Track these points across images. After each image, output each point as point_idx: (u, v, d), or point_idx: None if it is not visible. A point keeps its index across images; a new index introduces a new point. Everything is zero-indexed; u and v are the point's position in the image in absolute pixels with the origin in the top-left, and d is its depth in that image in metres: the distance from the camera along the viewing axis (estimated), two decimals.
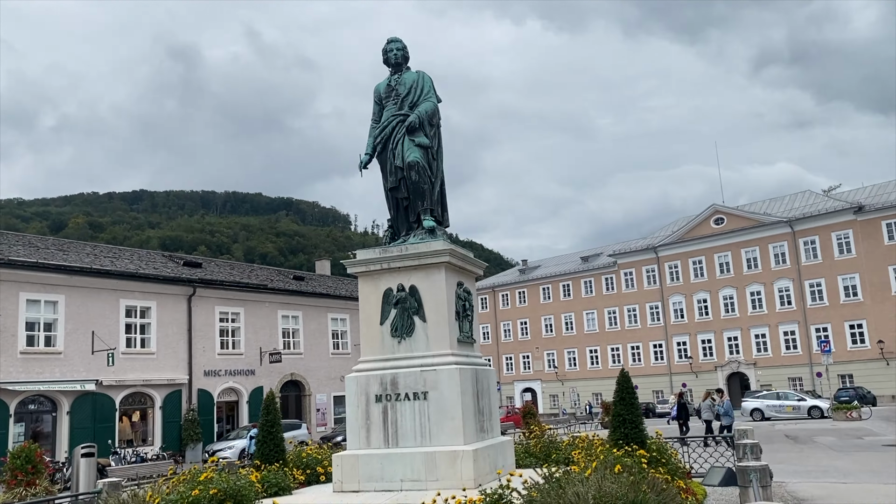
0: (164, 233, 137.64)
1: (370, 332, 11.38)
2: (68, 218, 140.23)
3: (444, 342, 10.90)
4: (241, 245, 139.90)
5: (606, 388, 73.32)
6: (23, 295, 28.19)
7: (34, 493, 15.64)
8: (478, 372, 11.46)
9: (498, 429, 12.18)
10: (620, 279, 74.43)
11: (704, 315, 68.70)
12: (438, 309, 11.00)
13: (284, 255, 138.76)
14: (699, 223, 69.72)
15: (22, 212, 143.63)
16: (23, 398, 27.85)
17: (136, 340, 32.06)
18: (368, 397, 11.01)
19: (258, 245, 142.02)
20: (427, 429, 10.61)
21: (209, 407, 34.85)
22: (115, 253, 35.85)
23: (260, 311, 38.10)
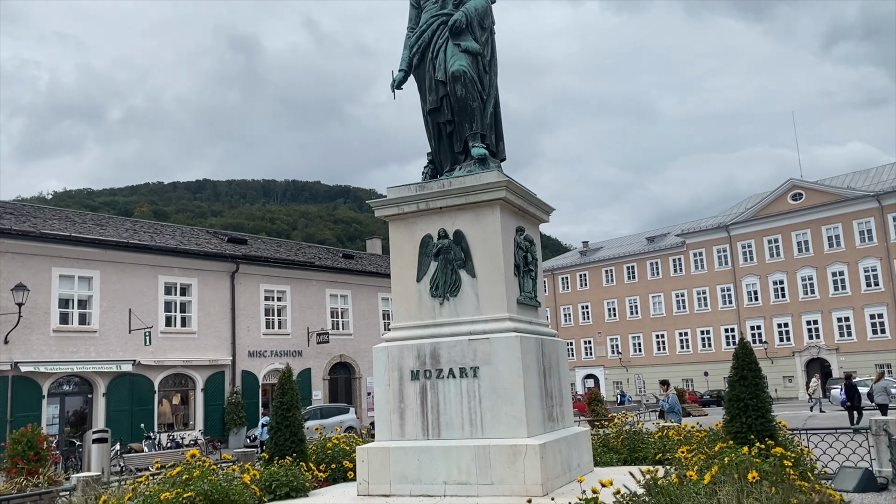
0: (226, 220, 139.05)
1: (404, 292, 8.88)
2: (134, 207, 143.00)
3: (500, 303, 8.32)
4: (301, 232, 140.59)
5: (674, 374, 69.57)
6: (55, 270, 26.74)
7: (35, 483, 13.70)
8: (544, 343, 8.84)
9: (571, 416, 9.55)
10: (689, 260, 70.33)
11: (781, 297, 64.23)
12: (492, 260, 8.42)
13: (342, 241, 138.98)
14: (775, 199, 65.09)
15: (91, 201, 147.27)
16: (57, 379, 26.45)
17: (175, 319, 30.44)
18: (402, 373, 8.53)
19: (317, 232, 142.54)
20: (478, 415, 8.07)
21: (254, 389, 33.08)
22: (155, 228, 34.33)
23: (307, 289, 36.16)
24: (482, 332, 8.25)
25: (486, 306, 8.37)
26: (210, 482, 6.91)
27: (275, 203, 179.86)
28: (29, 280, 25.65)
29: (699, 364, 67.84)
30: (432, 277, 8.67)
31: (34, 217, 28.72)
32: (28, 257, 26.13)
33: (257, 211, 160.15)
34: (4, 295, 24.93)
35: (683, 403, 41.28)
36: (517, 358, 7.97)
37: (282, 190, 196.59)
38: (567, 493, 7.66)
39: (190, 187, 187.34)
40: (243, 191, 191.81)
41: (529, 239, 9.09)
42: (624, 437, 10.83)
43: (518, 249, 8.79)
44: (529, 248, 9.00)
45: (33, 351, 25.81)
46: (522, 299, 8.73)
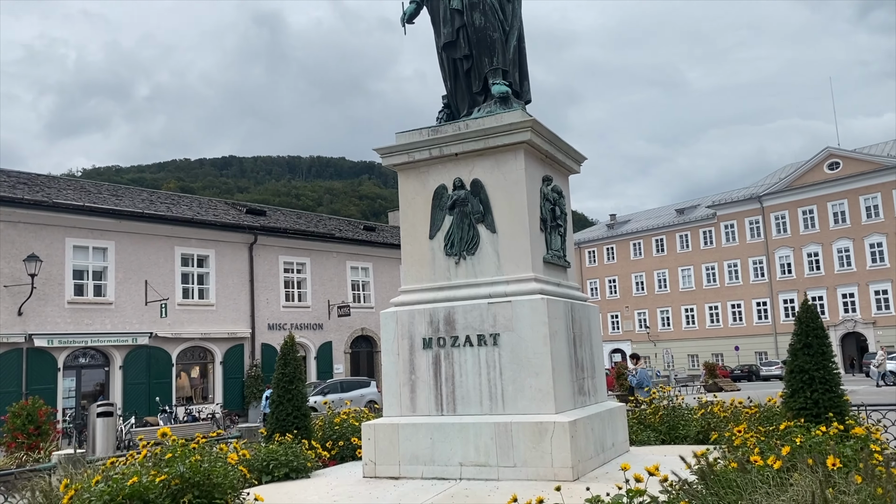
0: (251, 196, 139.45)
1: (415, 251, 7.87)
2: (162, 183, 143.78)
3: (524, 262, 7.29)
4: (326, 208, 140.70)
5: (704, 348, 68.17)
6: (69, 241, 26.13)
7: (36, 459, 13.03)
8: (574, 307, 7.80)
9: (604, 390, 8.52)
10: (720, 232, 68.46)
11: (815, 270, 62.31)
12: (514, 213, 7.38)
13: (367, 217, 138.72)
14: (810, 169, 62.89)
15: (119, 178, 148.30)
16: (72, 351, 25.97)
17: (193, 291, 29.79)
18: (413, 342, 7.55)
19: (342, 208, 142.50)
20: (498, 388, 7.08)
21: (274, 362, 32.43)
22: (172, 199, 33.64)
23: (327, 261, 35.35)
24: (503, 294, 7.23)
25: (508, 265, 7.34)
26: (190, 464, 6.02)
27: (300, 179, 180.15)
28: (42, 251, 25.09)
29: (729, 338, 66.32)
30: (447, 234, 7.65)
31: (48, 187, 28.13)
32: (41, 227, 25.55)
33: (282, 187, 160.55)
34: (17, 266, 24.39)
35: (715, 378, 40.01)
36: (543, 323, 6.95)
37: (307, 166, 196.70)
38: (601, 477, 6.67)
39: (216, 164, 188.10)
40: (269, 167, 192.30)
41: (558, 190, 8.02)
42: (663, 414, 9.77)
43: (545, 201, 7.72)
44: (558, 200, 7.93)
45: (48, 323, 25.31)
46: (549, 258, 7.67)
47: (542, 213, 7.65)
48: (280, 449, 7.99)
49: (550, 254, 7.70)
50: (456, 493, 6.42)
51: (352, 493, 6.78)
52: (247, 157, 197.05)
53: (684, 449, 8.67)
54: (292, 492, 6.99)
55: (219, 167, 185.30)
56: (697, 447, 8.64)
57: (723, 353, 66.20)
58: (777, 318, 64.32)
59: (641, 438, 9.28)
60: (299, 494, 6.84)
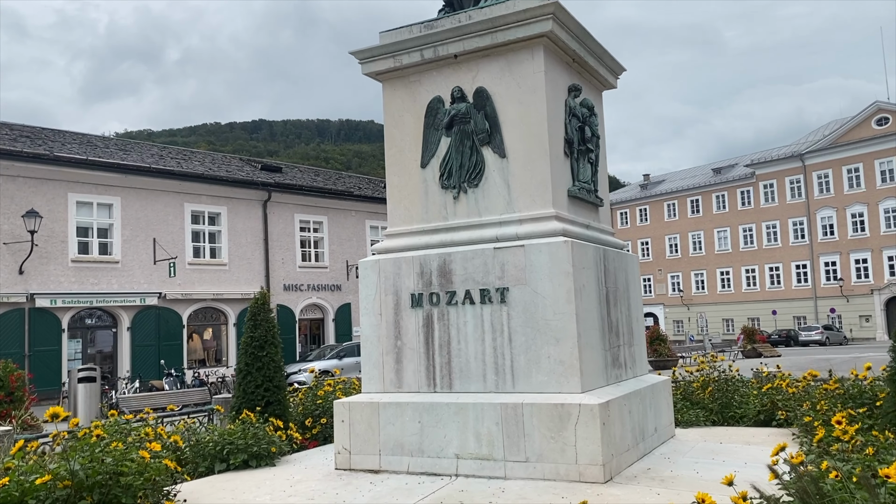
0: (281, 160, 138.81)
1: (402, 183, 6.18)
2: (192, 147, 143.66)
3: (542, 195, 5.56)
4: (355, 171, 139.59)
5: (739, 312, 65.89)
6: (72, 196, 24.85)
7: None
8: (607, 255, 6.07)
9: (644, 361, 6.81)
10: (759, 192, 65.59)
11: (860, 231, 59.44)
12: (531, 131, 5.63)
13: None
14: (857, 125, 59.62)
15: (151, 143, 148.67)
16: (77, 312, 24.86)
17: (204, 250, 28.46)
18: (398, 298, 5.90)
19: (370, 171, 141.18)
20: (507, 359, 5.43)
21: (290, 325, 31.19)
22: (183, 155, 32.21)
23: (345, 220, 33.80)
24: (514, 236, 5.53)
25: (522, 199, 5.62)
26: (89, 459, 4.49)
27: (329, 143, 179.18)
28: (43, 207, 23.85)
29: (766, 302, 63.98)
30: (443, 160, 5.94)
31: (52, 141, 26.82)
32: (41, 182, 24.27)
33: (311, 150, 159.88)
34: (17, 223, 23.19)
35: (754, 344, 37.92)
36: (566, 274, 5.24)
37: (336, 129, 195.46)
38: (642, 477, 5.01)
39: (246, 127, 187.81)
40: (298, 131, 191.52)
41: (588, 105, 6.22)
42: (713, 389, 8.04)
43: (571, 117, 5.94)
44: (588, 117, 6.14)
45: (50, 282, 24.18)
46: (576, 191, 5.92)
47: (568, 132, 5.89)
48: (238, 430, 6.45)
49: (577, 186, 5.95)
50: (449, 496, 4.82)
51: (314, 492, 5.21)
52: (276, 121, 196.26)
53: (744, 433, 6.96)
54: (239, 489, 5.43)
55: (249, 131, 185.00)
56: (759, 430, 6.92)
57: (759, 317, 63.84)
58: (818, 282, 61.69)
59: (688, 418, 7.59)
60: (246, 493, 5.28)
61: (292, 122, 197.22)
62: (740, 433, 7.02)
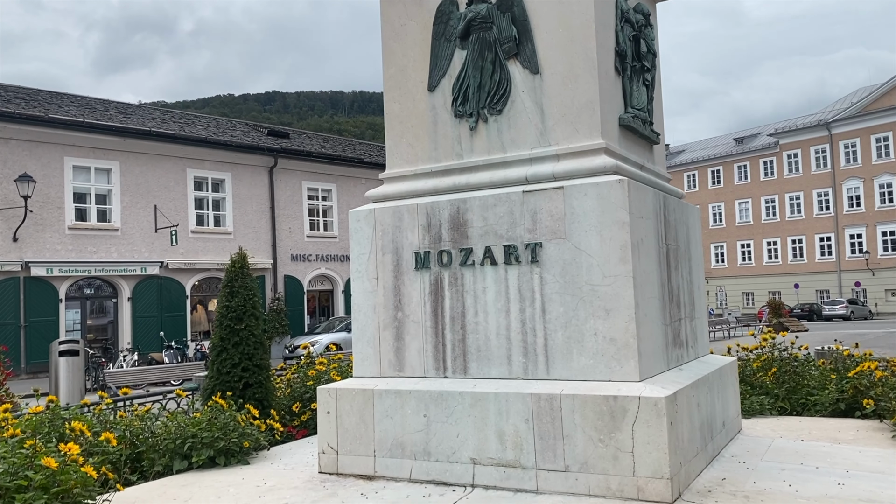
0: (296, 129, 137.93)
1: (405, 112, 4.86)
2: None
3: (587, 121, 4.24)
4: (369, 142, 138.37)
5: (760, 286, 64.30)
6: (68, 160, 23.67)
7: None
8: (667, 204, 4.74)
9: (706, 337, 5.51)
10: (782, 162, 63.58)
11: (888, 202, 57.51)
12: (573, 38, 4.29)
13: None
14: (887, 92, 57.36)
15: (153, 107, 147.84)
16: (76, 281, 23.82)
17: (208, 218, 27.28)
18: (399, 258, 4.63)
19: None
20: (539, 336, 4.16)
21: (298, 296, 30.07)
22: (187, 119, 30.90)
23: (356, 189, 32.43)
24: (550, 176, 4.22)
25: (560, 128, 4.29)
26: None
27: (343, 115, 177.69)
28: (38, 171, 22.72)
29: (789, 276, 62.28)
30: (457, 80, 4.61)
31: (48, 103, 25.61)
32: (36, 145, 23.11)
33: (325, 122, 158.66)
34: (10, 188, 22.07)
35: (780, 318, 36.49)
36: (622, 224, 3.93)
37: (349, 101, 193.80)
38: (718, 492, 3.74)
39: (259, 99, 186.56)
40: (311, 102, 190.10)
41: (644, 9, 4.86)
42: (777, 371, 6.73)
43: (624, 23, 4.59)
44: (644, 26, 4.78)
45: (46, 250, 23.11)
46: (630, 119, 4.58)
47: (619, 41, 4.53)
48: (205, 420, 5.23)
49: (630, 113, 4.61)
50: None
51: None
52: (290, 93, 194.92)
53: (824, 426, 5.66)
54: (193, 498, 4.21)
55: (262, 102, 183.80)
56: (841, 422, 5.63)
57: (780, 291, 62.19)
58: (843, 255, 59.91)
59: (751, 406, 6.30)
60: None
61: (306, 94, 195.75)
62: (820, 426, 5.73)
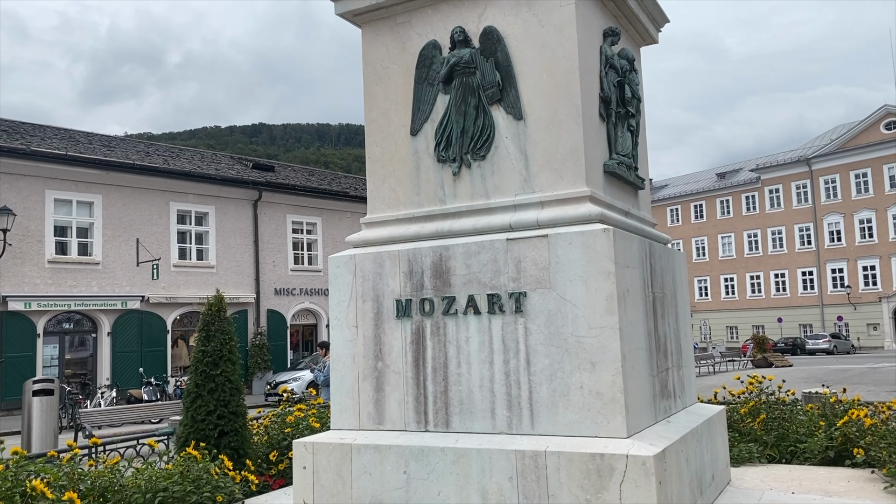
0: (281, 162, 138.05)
1: (387, 155, 4.78)
2: None
3: (572, 168, 4.18)
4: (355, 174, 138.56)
5: (744, 320, 64.48)
6: (50, 194, 23.44)
7: None
8: (653, 251, 4.66)
9: (693, 386, 5.39)
10: (764, 197, 64.20)
11: (868, 237, 58.06)
12: (557, 84, 4.24)
13: None
14: (865, 129, 58.28)
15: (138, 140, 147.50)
16: (54, 315, 23.43)
17: (190, 252, 27.05)
18: (380, 306, 4.50)
19: None
20: (524, 388, 4.03)
21: (281, 331, 29.76)
22: (171, 152, 30.78)
23: (341, 222, 32.35)
24: (534, 223, 4.13)
25: (544, 174, 4.22)
26: None
27: (329, 147, 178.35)
28: (18, 204, 22.46)
29: (772, 310, 62.49)
30: (440, 125, 4.54)
31: (31, 135, 25.43)
32: (17, 178, 22.88)
33: (311, 154, 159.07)
34: None
35: (764, 353, 36.46)
36: (607, 274, 3.84)
37: (336, 134, 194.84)
38: None
39: (246, 131, 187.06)
40: (298, 135, 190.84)
41: (628, 56, 4.83)
42: (765, 416, 6.63)
43: (608, 69, 4.54)
44: (628, 71, 4.74)
45: (25, 284, 22.76)
46: (615, 166, 4.52)
47: (604, 87, 4.49)
48: (177, 472, 5.03)
49: (615, 159, 4.54)
50: None
51: None
52: (276, 125, 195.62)
53: (814, 475, 5.54)
54: None
55: (249, 134, 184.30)
56: (831, 471, 5.52)
57: (764, 325, 62.38)
58: (825, 289, 60.30)
59: (738, 454, 6.18)
60: None
61: (292, 126, 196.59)
62: (810, 475, 5.61)
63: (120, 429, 13.69)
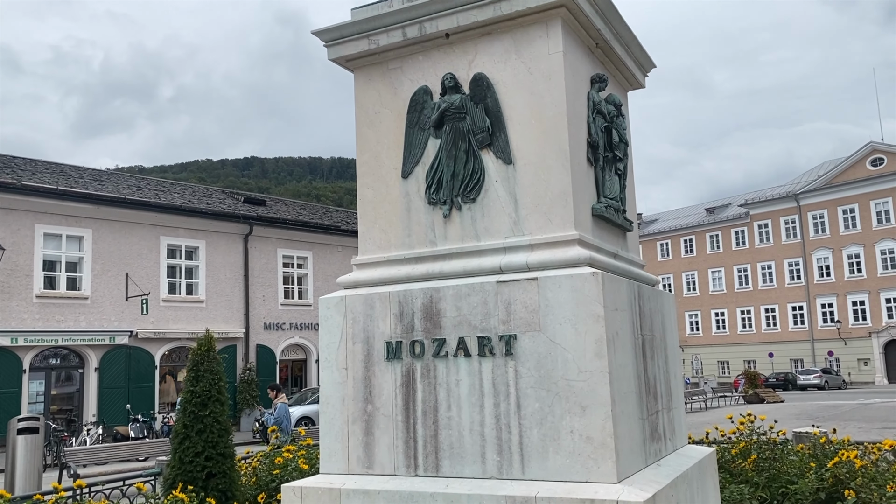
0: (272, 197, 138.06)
1: (378, 197, 4.83)
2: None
3: (560, 212, 4.23)
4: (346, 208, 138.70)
5: (735, 355, 64.54)
6: (39, 228, 23.44)
7: None
8: (641, 293, 4.70)
9: (683, 427, 5.39)
10: (753, 232, 64.76)
11: (856, 272, 58.53)
12: (546, 129, 4.32)
13: None
14: (852, 165, 59.13)
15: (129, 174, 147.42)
16: (41, 351, 23.24)
17: (180, 286, 26.99)
18: (370, 347, 4.51)
19: None
20: (514, 433, 4.03)
21: (270, 366, 29.57)
22: (162, 186, 30.87)
23: (332, 256, 32.40)
24: (524, 266, 4.17)
25: (534, 217, 4.27)
26: None
27: (321, 180, 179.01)
28: (7, 238, 22.43)
29: (763, 345, 62.64)
30: (431, 168, 4.60)
31: (22, 169, 25.47)
32: (7, 212, 22.88)
33: (303, 188, 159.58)
34: None
35: (755, 388, 36.52)
36: (596, 317, 3.87)
37: (328, 167, 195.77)
38: None
39: (238, 164, 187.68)
40: (290, 168, 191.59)
41: (615, 101, 4.92)
42: (756, 457, 6.62)
43: (595, 114, 4.63)
44: (615, 117, 4.83)
45: (12, 319, 22.61)
46: (603, 209, 4.58)
47: (592, 132, 4.56)
48: None
49: (603, 203, 4.60)
50: None
51: None
52: (268, 158, 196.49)
53: None
54: None
55: (240, 168, 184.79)
56: None
57: (755, 359, 62.48)
58: (815, 324, 60.55)
59: (730, 495, 6.16)
60: None
61: (284, 160, 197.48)
62: None
63: (106, 467, 13.52)
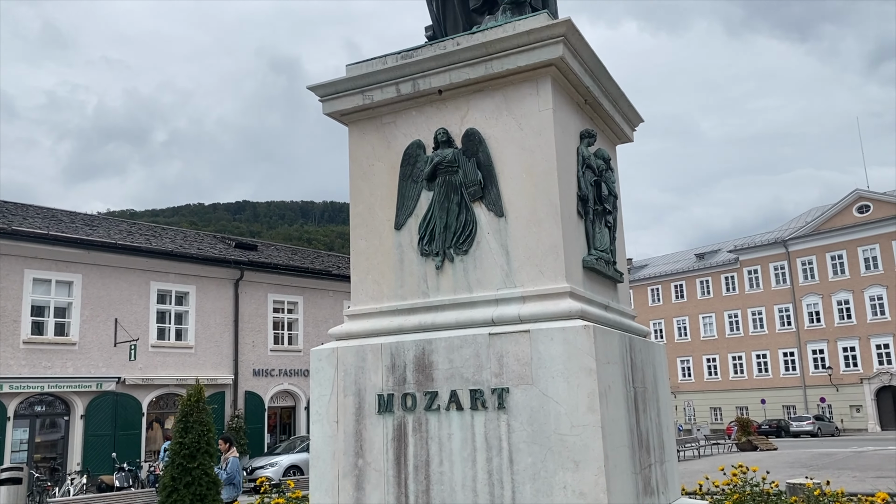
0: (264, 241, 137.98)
1: (371, 249, 4.86)
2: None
3: (551, 264, 4.26)
4: (338, 252, 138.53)
5: (727, 401, 64.16)
6: (29, 273, 23.31)
7: None
8: (633, 345, 4.72)
9: (676, 480, 5.35)
10: (743, 278, 64.97)
11: (846, 318, 58.63)
12: (536, 183, 4.39)
13: None
14: (839, 212, 59.70)
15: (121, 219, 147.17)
16: (26, 398, 22.90)
17: (169, 332, 26.79)
18: (361, 400, 4.49)
19: None
20: (507, 489, 4.00)
21: (259, 413, 29.20)
22: (153, 231, 30.85)
23: (322, 301, 32.30)
24: (516, 318, 4.19)
25: (525, 270, 4.31)
26: None
27: (312, 224, 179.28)
28: None
29: (755, 391, 62.35)
30: (423, 220, 4.64)
31: (13, 214, 25.44)
32: None
33: (295, 232, 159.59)
34: None
35: (749, 436, 36.25)
36: (588, 371, 3.87)
37: (320, 211, 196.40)
38: None
39: (230, 209, 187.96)
40: (282, 212, 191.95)
41: (604, 155, 5.01)
42: None
43: (585, 169, 4.71)
44: (604, 170, 4.92)
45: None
46: (593, 262, 4.62)
47: (581, 186, 4.64)
48: None
49: (594, 255, 4.65)
50: None
51: None
52: (260, 202, 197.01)
53: None
54: None
55: (232, 212, 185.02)
56: None
57: (748, 406, 62.13)
58: (806, 370, 60.40)
59: None
60: None
61: (276, 204, 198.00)
62: None
63: None
